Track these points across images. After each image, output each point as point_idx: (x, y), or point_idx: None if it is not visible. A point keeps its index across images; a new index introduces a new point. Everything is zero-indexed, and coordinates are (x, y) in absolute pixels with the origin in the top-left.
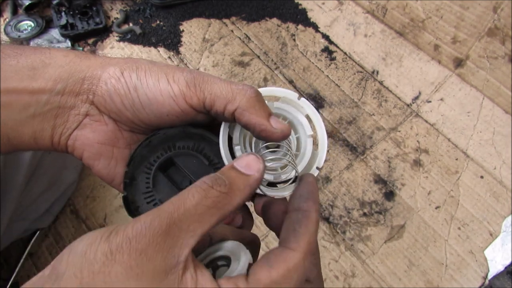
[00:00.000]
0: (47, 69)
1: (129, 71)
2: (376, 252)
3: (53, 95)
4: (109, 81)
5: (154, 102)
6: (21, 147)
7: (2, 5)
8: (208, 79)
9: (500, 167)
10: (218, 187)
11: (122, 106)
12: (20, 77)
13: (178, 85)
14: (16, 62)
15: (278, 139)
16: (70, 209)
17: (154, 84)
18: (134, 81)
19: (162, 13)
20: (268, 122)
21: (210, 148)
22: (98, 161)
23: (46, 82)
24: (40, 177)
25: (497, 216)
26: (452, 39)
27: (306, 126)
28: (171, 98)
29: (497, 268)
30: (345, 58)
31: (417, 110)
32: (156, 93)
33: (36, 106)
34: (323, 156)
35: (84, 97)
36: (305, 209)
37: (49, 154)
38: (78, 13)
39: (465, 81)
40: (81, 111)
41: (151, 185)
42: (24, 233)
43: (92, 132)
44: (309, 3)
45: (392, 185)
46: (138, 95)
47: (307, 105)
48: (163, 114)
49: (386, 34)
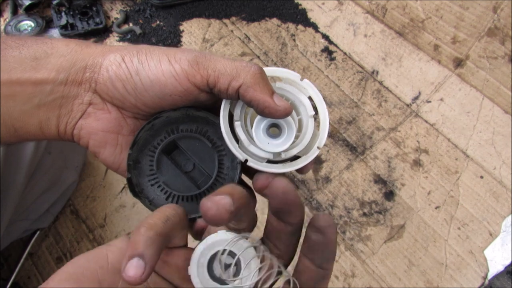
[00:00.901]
0: (50, 59)
1: (129, 56)
2: (376, 252)
3: (56, 85)
4: (110, 68)
5: (157, 83)
6: (28, 137)
7: (2, 5)
8: (211, 57)
9: (500, 167)
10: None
11: (124, 91)
12: (23, 68)
13: (180, 64)
14: (19, 52)
15: (281, 117)
16: (70, 209)
17: (156, 65)
18: (135, 65)
19: (162, 13)
20: (272, 100)
21: (213, 131)
22: (103, 149)
23: (49, 72)
24: (40, 177)
25: (497, 216)
26: (452, 39)
27: (308, 107)
28: (173, 78)
29: (497, 268)
30: (345, 58)
31: (417, 110)
32: (158, 74)
33: (41, 96)
34: (324, 136)
35: (86, 86)
36: (326, 268)
37: (49, 154)
38: (78, 13)
39: (465, 81)
40: (85, 100)
41: (155, 167)
42: (24, 233)
43: (96, 120)
44: (309, 3)
45: (392, 185)
46: (140, 78)
47: (309, 86)
48: (166, 94)
49: (386, 34)
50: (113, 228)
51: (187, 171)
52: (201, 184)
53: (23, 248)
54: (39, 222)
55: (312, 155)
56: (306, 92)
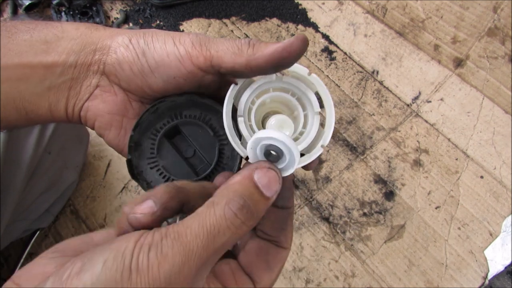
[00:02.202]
0: (60, 43)
1: (136, 37)
2: (376, 252)
3: (66, 67)
4: (118, 50)
5: (161, 64)
6: (38, 120)
7: (2, 5)
8: (213, 39)
9: (500, 167)
10: (249, 222)
11: (131, 73)
12: (34, 51)
13: (184, 46)
14: (30, 36)
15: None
16: (70, 209)
17: (161, 47)
18: (142, 46)
19: (162, 13)
20: (279, 42)
21: (217, 119)
22: (109, 131)
23: (59, 55)
24: (40, 177)
25: (497, 216)
26: (452, 39)
27: (315, 103)
28: (177, 60)
29: (497, 268)
30: (345, 58)
31: (417, 110)
32: (163, 55)
33: (51, 78)
34: (329, 134)
35: (95, 67)
36: (288, 207)
37: (49, 154)
38: (78, 13)
39: (465, 81)
40: (92, 82)
41: (156, 151)
42: (24, 233)
43: (103, 102)
44: (309, 3)
45: (392, 185)
46: (147, 60)
47: (317, 82)
48: (170, 77)
49: (386, 34)
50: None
51: (187, 157)
52: (200, 171)
53: (23, 248)
54: (39, 222)
55: (316, 153)
56: (314, 88)
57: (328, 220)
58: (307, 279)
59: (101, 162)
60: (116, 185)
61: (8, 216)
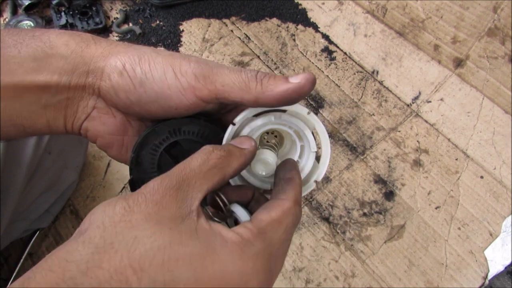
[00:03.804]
0: (50, 60)
1: (130, 63)
2: (376, 252)
3: (60, 88)
4: (112, 76)
5: (162, 96)
6: (38, 134)
7: (2, 5)
8: (217, 70)
9: (500, 167)
10: (218, 151)
11: (128, 101)
12: (25, 70)
13: (186, 79)
14: (18, 52)
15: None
16: (70, 209)
17: (161, 78)
18: (138, 76)
19: (162, 13)
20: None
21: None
22: (111, 149)
23: (51, 75)
24: (40, 177)
25: (497, 216)
26: (452, 39)
27: (312, 142)
28: (179, 92)
29: (497, 268)
30: (345, 58)
31: (417, 110)
32: (163, 88)
33: (46, 97)
34: (323, 170)
35: (90, 90)
36: (289, 177)
37: (49, 154)
38: (78, 13)
39: (465, 81)
40: (89, 104)
41: (156, 166)
42: (23, 233)
43: (102, 124)
44: (309, 3)
45: (392, 185)
46: (145, 90)
47: (315, 121)
48: (172, 108)
49: (386, 34)
50: None
51: None
52: None
53: (23, 248)
54: (39, 222)
55: (309, 188)
56: (311, 126)
57: (328, 220)
58: (307, 279)
59: (101, 162)
60: (116, 185)
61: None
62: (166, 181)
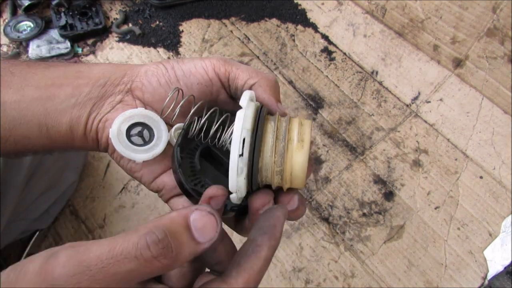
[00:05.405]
0: (92, 70)
1: (166, 61)
2: (375, 252)
3: (95, 87)
4: (149, 69)
5: (188, 73)
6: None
7: (2, 5)
8: (235, 62)
9: (500, 167)
10: (163, 259)
11: (158, 84)
12: (67, 76)
13: (210, 60)
14: (64, 68)
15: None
16: (69, 210)
17: (189, 61)
18: (172, 63)
19: (161, 13)
20: (276, 104)
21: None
22: None
23: (90, 78)
24: (41, 178)
25: (496, 216)
26: (452, 40)
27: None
28: (202, 68)
29: (497, 268)
30: (345, 58)
31: (416, 111)
32: (190, 67)
33: (78, 96)
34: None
35: (122, 87)
36: (258, 244)
37: (50, 154)
38: (78, 14)
39: (464, 81)
40: (117, 99)
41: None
42: (23, 234)
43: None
44: (308, 4)
45: (392, 186)
46: (175, 71)
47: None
48: (194, 83)
49: (386, 34)
50: (113, 228)
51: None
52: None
53: (23, 248)
54: (38, 222)
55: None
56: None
57: (328, 221)
58: (307, 279)
59: (101, 163)
60: (116, 185)
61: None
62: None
